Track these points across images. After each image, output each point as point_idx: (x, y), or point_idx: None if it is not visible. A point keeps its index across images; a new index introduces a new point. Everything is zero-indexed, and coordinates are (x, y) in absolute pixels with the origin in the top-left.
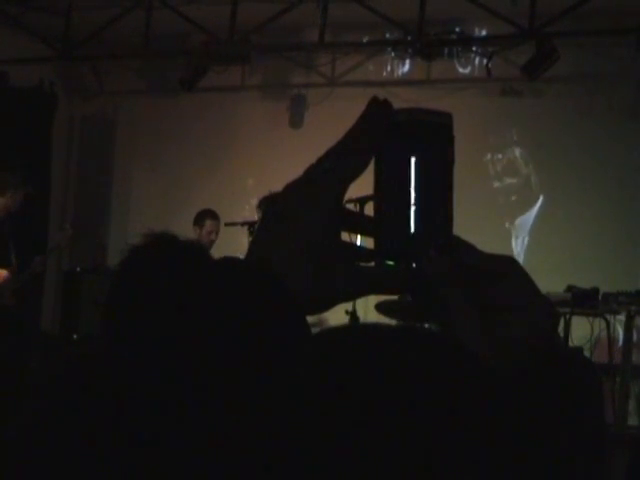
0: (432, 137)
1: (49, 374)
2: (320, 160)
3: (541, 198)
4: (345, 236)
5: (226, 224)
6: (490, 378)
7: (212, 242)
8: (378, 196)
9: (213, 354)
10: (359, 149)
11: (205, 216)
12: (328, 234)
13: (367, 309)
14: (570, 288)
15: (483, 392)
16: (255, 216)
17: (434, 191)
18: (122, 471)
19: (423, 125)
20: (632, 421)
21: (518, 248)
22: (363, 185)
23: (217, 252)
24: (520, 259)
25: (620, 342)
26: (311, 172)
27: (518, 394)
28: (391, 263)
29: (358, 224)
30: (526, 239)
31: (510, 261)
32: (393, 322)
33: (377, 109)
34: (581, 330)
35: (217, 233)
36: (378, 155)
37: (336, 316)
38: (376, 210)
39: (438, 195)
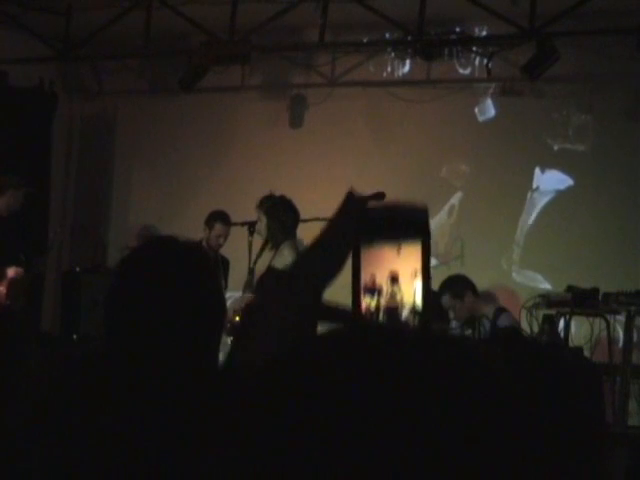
0: (408, 234)
1: (49, 374)
2: (298, 264)
3: (541, 198)
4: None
5: (231, 223)
6: (489, 378)
7: (220, 245)
8: (356, 289)
9: (210, 353)
10: (335, 251)
11: (216, 219)
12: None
13: None
14: (570, 288)
15: (482, 392)
16: (256, 216)
17: None
18: (121, 467)
19: (399, 223)
20: (632, 421)
21: (518, 247)
22: (363, 185)
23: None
24: (520, 258)
25: (620, 342)
26: (291, 275)
27: (517, 394)
28: None
29: (336, 316)
30: (526, 239)
31: None
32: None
33: (353, 206)
34: (581, 330)
35: (226, 237)
36: (355, 250)
37: None
38: (354, 302)
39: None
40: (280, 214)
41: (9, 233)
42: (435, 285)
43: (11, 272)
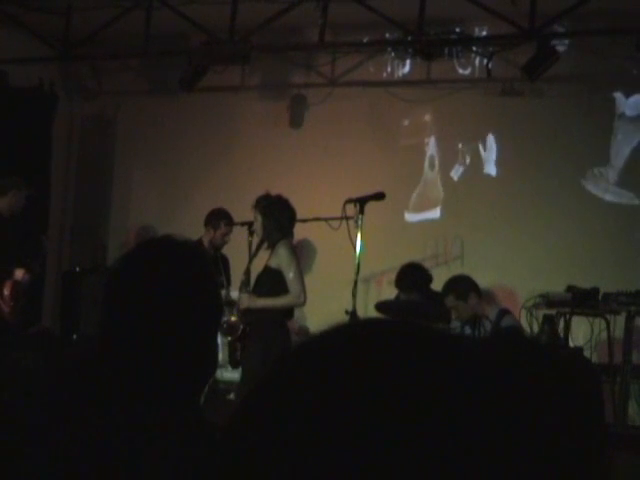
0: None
1: (49, 373)
2: None
3: (541, 198)
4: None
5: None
6: (488, 375)
7: (225, 243)
8: None
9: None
10: None
11: (221, 218)
12: None
13: (367, 308)
14: (570, 288)
15: (481, 389)
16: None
17: None
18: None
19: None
20: (632, 421)
21: (519, 246)
22: (363, 185)
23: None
24: (520, 259)
25: (620, 342)
26: None
27: (515, 393)
28: None
29: None
30: (526, 238)
31: None
32: None
33: None
34: (581, 330)
35: (229, 235)
36: None
37: (336, 316)
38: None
39: None
40: (276, 213)
41: (11, 234)
42: (438, 285)
43: (19, 274)
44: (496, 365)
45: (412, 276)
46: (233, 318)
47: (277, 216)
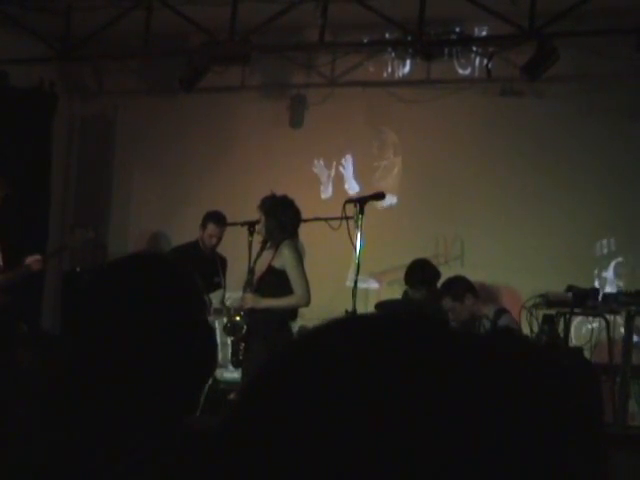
0: None
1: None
2: None
3: (541, 198)
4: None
5: (226, 224)
6: (488, 370)
7: (212, 245)
8: None
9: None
10: None
11: (209, 220)
12: None
13: (367, 308)
14: (570, 288)
15: (481, 383)
16: (256, 216)
17: None
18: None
19: None
20: (632, 421)
21: (517, 246)
22: (362, 186)
23: (218, 252)
24: (520, 259)
25: (620, 342)
26: None
27: (514, 391)
28: None
29: None
30: (525, 238)
31: None
32: None
33: None
34: (581, 330)
35: (219, 238)
36: None
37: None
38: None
39: None
40: (278, 213)
41: None
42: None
43: (34, 262)
44: (495, 364)
45: (421, 272)
46: (237, 318)
47: (279, 216)
